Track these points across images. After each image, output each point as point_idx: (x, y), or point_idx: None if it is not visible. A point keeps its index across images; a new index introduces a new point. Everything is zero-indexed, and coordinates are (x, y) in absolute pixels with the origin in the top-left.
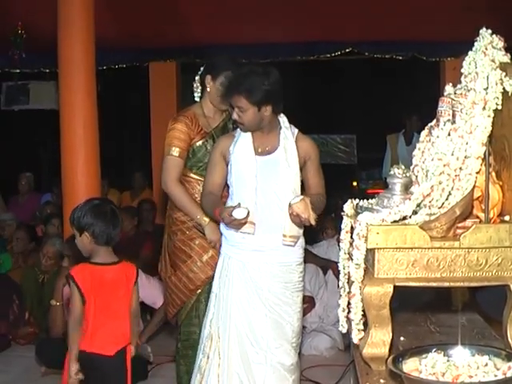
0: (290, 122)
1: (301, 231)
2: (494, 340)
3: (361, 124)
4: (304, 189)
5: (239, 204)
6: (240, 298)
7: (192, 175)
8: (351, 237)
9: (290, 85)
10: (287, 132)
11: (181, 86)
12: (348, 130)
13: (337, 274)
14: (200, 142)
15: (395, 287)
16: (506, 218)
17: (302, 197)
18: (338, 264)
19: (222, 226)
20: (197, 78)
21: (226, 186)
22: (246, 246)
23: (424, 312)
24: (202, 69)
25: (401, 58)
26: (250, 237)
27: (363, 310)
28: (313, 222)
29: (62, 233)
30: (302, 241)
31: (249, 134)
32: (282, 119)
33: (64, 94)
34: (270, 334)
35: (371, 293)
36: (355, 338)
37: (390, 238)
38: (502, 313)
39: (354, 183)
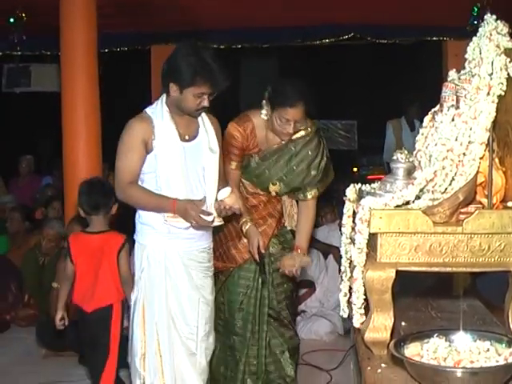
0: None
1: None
2: (495, 326)
3: (362, 109)
4: None
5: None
6: (176, 289)
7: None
8: (353, 221)
9: (291, 69)
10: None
11: None
12: (349, 116)
13: (337, 258)
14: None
15: (397, 272)
16: (509, 203)
17: (229, 189)
18: (339, 249)
19: (148, 214)
20: (266, 93)
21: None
22: (178, 235)
23: (425, 297)
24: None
25: (404, 42)
26: (184, 228)
27: (365, 295)
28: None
29: (63, 215)
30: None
31: (171, 120)
32: None
33: (66, 76)
34: (200, 321)
35: (373, 277)
36: (356, 322)
37: (393, 223)
38: (502, 299)
39: (355, 169)
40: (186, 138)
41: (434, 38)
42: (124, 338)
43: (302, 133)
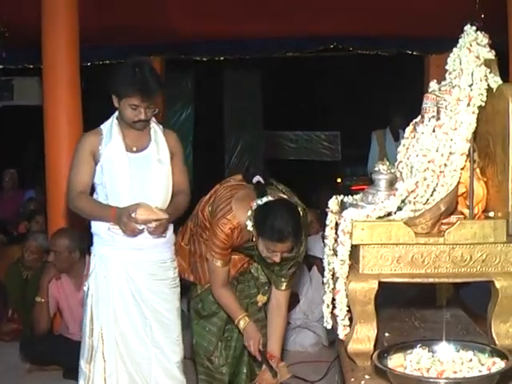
0: (275, 118)
1: (169, 224)
2: (479, 336)
3: (345, 120)
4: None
5: (138, 204)
6: (121, 298)
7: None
8: (336, 233)
9: (275, 81)
10: (156, 126)
11: (166, 82)
12: (332, 127)
13: (321, 270)
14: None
15: (380, 283)
16: (491, 214)
17: (137, 204)
18: (323, 260)
19: (95, 224)
20: (251, 212)
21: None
22: (124, 245)
23: (408, 308)
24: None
25: (386, 54)
26: (129, 237)
27: (348, 306)
28: (165, 216)
29: (46, 229)
30: (173, 237)
31: (119, 131)
32: None
33: (48, 89)
34: (154, 332)
35: (356, 289)
36: (341, 333)
37: (375, 234)
38: (485, 309)
39: (339, 180)
40: (134, 149)
41: (415, 53)
42: None
43: None
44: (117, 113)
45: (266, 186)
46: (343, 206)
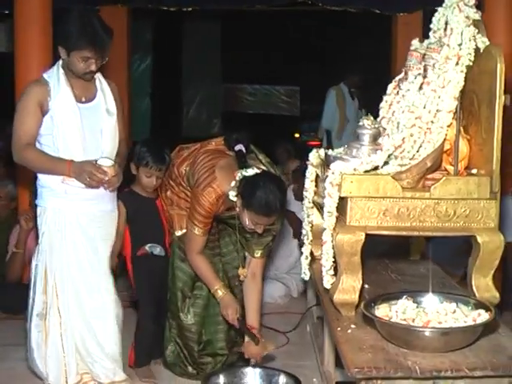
0: (234, 71)
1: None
2: (455, 289)
3: (305, 76)
4: None
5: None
6: (75, 251)
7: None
8: (316, 186)
9: (238, 34)
10: (100, 76)
11: (131, 31)
12: (292, 82)
13: (291, 222)
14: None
15: (367, 235)
16: (473, 171)
17: (112, 162)
18: (294, 213)
19: (46, 177)
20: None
21: None
22: (77, 196)
23: (383, 261)
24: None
25: (353, 10)
26: (81, 188)
27: (334, 257)
28: (112, 187)
29: (15, 176)
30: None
31: (66, 82)
32: None
33: (19, 35)
34: (103, 285)
35: (343, 240)
36: (327, 283)
37: (363, 187)
38: (451, 263)
39: (296, 135)
40: (83, 99)
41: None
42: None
43: None
44: (61, 62)
45: (246, 154)
46: (327, 159)
